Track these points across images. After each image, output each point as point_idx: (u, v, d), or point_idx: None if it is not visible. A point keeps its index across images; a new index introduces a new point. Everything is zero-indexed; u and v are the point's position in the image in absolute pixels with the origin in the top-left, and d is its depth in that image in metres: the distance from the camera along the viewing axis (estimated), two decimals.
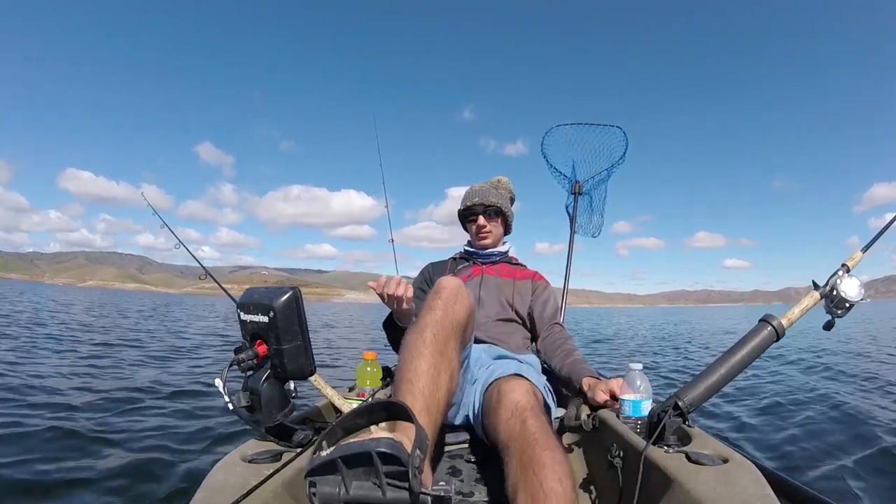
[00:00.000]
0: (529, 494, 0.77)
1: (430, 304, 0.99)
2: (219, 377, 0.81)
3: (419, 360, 0.86)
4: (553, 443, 0.85)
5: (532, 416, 0.93)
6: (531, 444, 0.84)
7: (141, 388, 3.52)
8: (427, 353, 0.87)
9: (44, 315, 10.01)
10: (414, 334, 0.92)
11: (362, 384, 1.60)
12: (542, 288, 1.69)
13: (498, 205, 1.70)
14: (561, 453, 0.83)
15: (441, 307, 0.97)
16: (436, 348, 0.88)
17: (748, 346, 0.99)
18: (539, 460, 0.80)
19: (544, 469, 0.78)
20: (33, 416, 2.57)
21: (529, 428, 0.89)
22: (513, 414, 0.96)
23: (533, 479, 0.78)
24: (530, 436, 0.87)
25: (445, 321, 0.94)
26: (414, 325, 0.96)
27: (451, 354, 0.92)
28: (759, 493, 0.71)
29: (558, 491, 0.75)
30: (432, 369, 0.85)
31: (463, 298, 1.02)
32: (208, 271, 1.79)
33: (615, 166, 2.76)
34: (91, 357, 4.84)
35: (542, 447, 0.83)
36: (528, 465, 0.81)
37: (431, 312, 0.96)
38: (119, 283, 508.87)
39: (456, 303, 0.99)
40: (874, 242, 1.08)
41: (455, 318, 0.97)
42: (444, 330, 0.93)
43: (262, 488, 0.70)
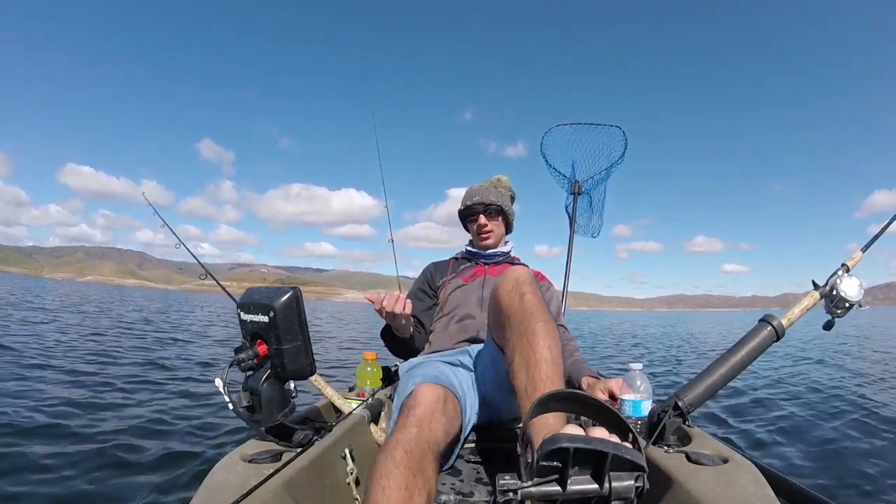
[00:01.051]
0: (524, 358, 0.90)
1: (402, 420, 0.90)
2: (219, 377, 0.81)
3: (387, 479, 0.75)
4: (546, 316, 0.97)
5: (529, 290, 1.01)
6: (527, 316, 0.95)
7: (140, 388, 3.52)
8: (396, 472, 0.76)
9: (46, 309, 10.00)
10: (383, 454, 0.81)
11: (362, 384, 1.60)
12: (545, 289, 1.68)
13: (498, 203, 1.68)
14: (552, 325, 0.95)
15: (415, 424, 0.88)
16: (407, 467, 0.78)
17: (748, 347, 0.99)
18: (533, 330, 0.93)
19: (537, 337, 0.91)
20: (31, 416, 2.57)
21: (527, 302, 0.99)
22: (514, 287, 1.03)
23: (527, 345, 0.91)
24: (527, 308, 0.97)
25: (420, 439, 0.85)
26: (385, 443, 0.86)
27: (427, 474, 0.81)
28: (759, 493, 0.71)
29: (548, 357, 0.89)
30: (403, 489, 0.74)
31: (440, 415, 0.95)
32: (209, 271, 1.78)
33: (614, 166, 2.76)
34: (91, 356, 4.84)
35: (536, 319, 0.94)
36: (524, 334, 0.93)
37: (403, 430, 0.87)
38: (118, 278, 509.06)
39: (432, 420, 0.92)
40: (874, 242, 1.08)
41: (432, 437, 0.88)
42: (418, 448, 0.83)
43: (262, 488, 0.70)
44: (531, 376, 0.88)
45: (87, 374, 3.88)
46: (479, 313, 1.53)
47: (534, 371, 0.88)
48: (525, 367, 0.90)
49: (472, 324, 1.52)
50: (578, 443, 0.54)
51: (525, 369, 0.89)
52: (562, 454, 0.54)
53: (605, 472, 0.54)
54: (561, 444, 0.54)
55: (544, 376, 0.87)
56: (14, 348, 4.85)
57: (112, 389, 3.39)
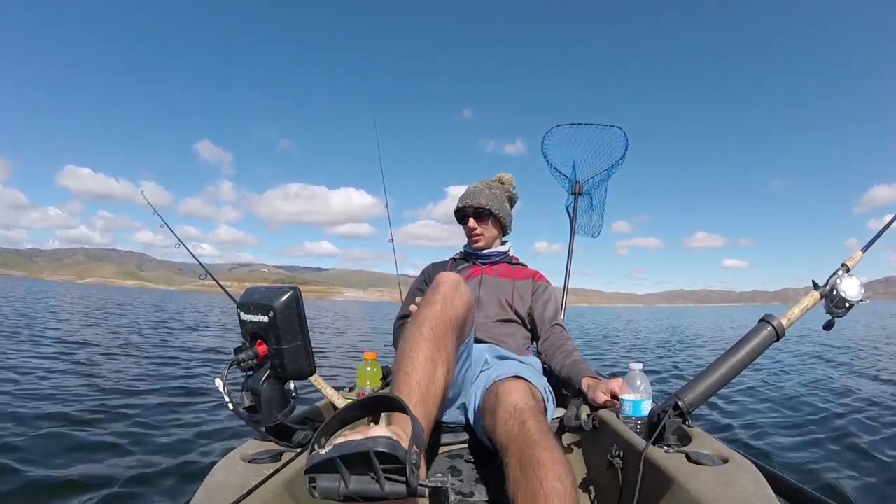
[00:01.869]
0: (530, 494, 0.76)
1: (429, 298, 0.99)
2: (219, 377, 0.81)
3: (416, 351, 0.86)
4: (552, 443, 0.85)
5: (531, 416, 0.93)
6: (530, 445, 0.84)
7: (140, 387, 3.52)
8: (424, 346, 0.87)
9: (46, 312, 10.02)
10: (412, 328, 0.92)
11: (362, 384, 1.60)
12: (543, 288, 1.68)
13: (488, 207, 1.65)
14: (560, 453, 0.83)
15: (440, 301, 0.97)
16: (433, 342, 0.88)
17: (748, 346, 0.99)
18: (539, 460, 0.80)
19: (543, 468, 0.78)
20: (29, 415, 2.57)
21: (528, 429, 0.89)
22: (511, 415, 0.96)
23: (533, 478, 0.77)
24: (529, 437, 0.87)
25: (444, 315, 0.94)
26: (412, 319, 0.95)
27: (448, 348, 0.91)
28: (759, 493, 0.71)
29: (559, 490, 0.75)
30: (429, 363, 0.85)
31: (462, 293, 1.02)
32: (209, 271, 1.78)
33: (615, 166, 2.76)
34: (90, 355, 4.84)
35: (541, 447, 0.83)
36: (527, 466, 0.80)
37: (430, 307, 0.96)
38: (119, 280, 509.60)
39: (455, 297, 0.99)
40: (874, 242, 1.09)
41: (453, 313, 0.96)
42: (441, 324, 0.92)
43: (262, 488, 0.70)
44: None
45: (86, 374, 3.89)
46: (477, 313, 1.53)
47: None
48: None
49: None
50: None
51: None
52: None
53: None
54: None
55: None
56: (14, 346, 4.86)
57: (111, 388, 3.39)
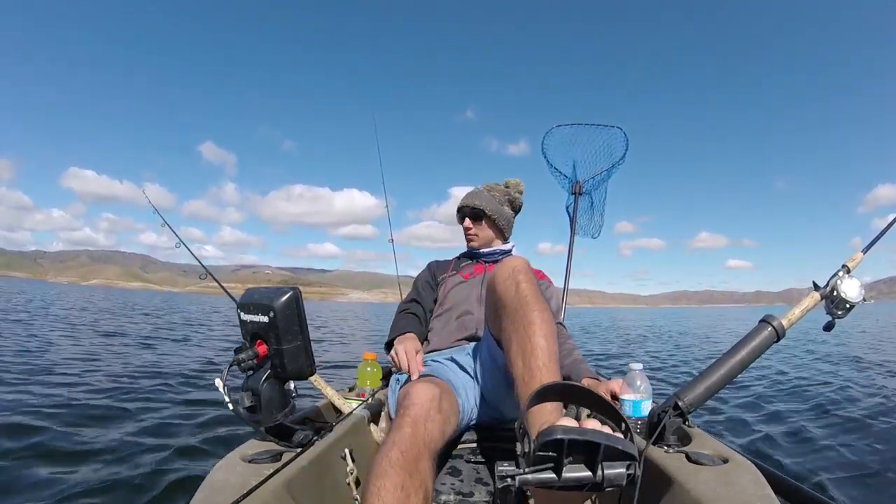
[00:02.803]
0: (520, 347, 0.92)
1: (397, 421, 0.91)
2: (219, 377, 0.81)
3: (383, 479, 0.75)
4: (542, 305, 0.97)
5: (525, 279, 1.02)
6: (523, 305, 0.97)
7: (140, 387, 3.52)
8: (393, 473, 0.76)
9: (51, 312, 10.03)
10: (379, 454, 0.81)
11: (362, 384, 1.61)
12: (545, 287, 1.69)
13: (482, 208, 1.68)
14: (548, 314, 0.96)
15: (409, 424, 0.88)
16: (403, 468, 0.78)
17: (748, 347, 0.99)
18: (529, 319, 0.94)
19: (533, 326, 0.92)
20: (28, 416, 2.57)
21: (522, 290, 1.00)
22: (509, 275, 1.04)
23: (523, 333, 0.92)
24: (523, 297, 0.98)
25: (416, 439, 0.85)
26: (381, 444, 0.87)
27: (423, 473, 0.81)
28: (759, 493, 0.71)
29: (543, 345, 0.90)
30: (399, 490, 0.74)
31: (435, 414, 0.95)
32: (209, 271, 1.79)
33: (615, 167, 2.76)
34: (90, 355, 4.85)
35: (531, 308, 0.95)
36: (519, 323, 0.94)
37: (399, 430, 0.87)
38: (123, 281, 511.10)
39: (428, 419, 0.92)
40: (875, 243, 1.08)
41: (428, 436, 0.88)
42: (413, 448, 0.83)
43: (262, 488, 0.70)
44: (527, 364, 0.89)
45: (86, 373, 3.89)
46: (479, 310, 1.53)
47: (530, 359, 0.89)
48: (521, 356, 0.91)
49: (471, 321, 1.52)
50: (573, 434, 0.57)
51: (521, 358, 0.91)
52: (557, 445, 0.58)
53: (598, 461, 0.58)
54: (556, 436, 0.57)
55: (540, 364, 0.88)
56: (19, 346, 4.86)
57: (111, 388, 3.39)
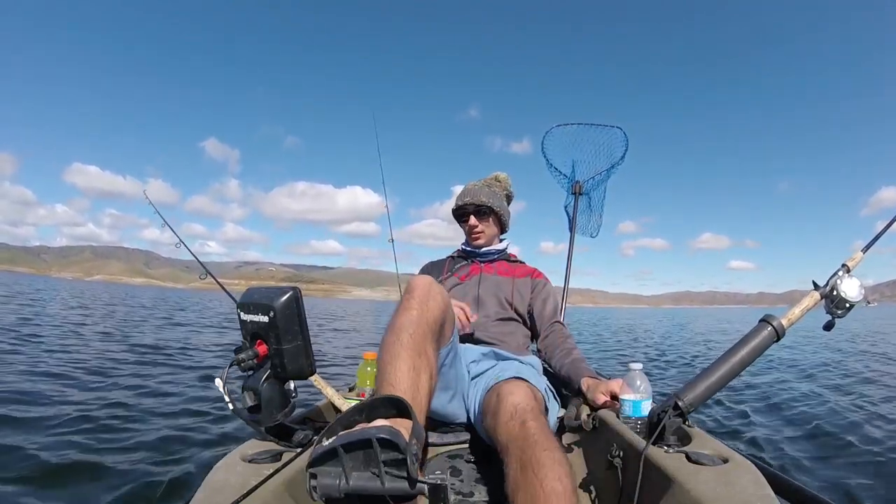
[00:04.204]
0: (529, 494, 0.77)
1: (404, 304, 0.97)
2: (219, 377, 0.81)
3: (398, 361, 0.84)
4: (553, 444, 0.85)
5: (531, 417, 0.93)
6: (531, 446, 0.84)
7: (139, 387, 3.51)
8: (405, 355, 0.85)
9: (50, 310, 10.00)
10: (391, 336, 0.90)
11: (362, 384, 1.60)
12: (542, 286, 1.68)
13: (489, 204, 1.66)
14: (560, 453, 0.83)
15: (416, 307, 0.95)
16: (413, 349, 0.87)
17: (748, 347, 0.99)
18: (539, 461, 0.80)
19: (543, 469, 0.78)
20: (29, 416, 2.57)
21: (529, 429, 0.89)
22: (512, 416, 0.95)
23: (532, 479, 0.78)
24: (530, 437, 0.86)
25: (421, 321, 0.92)
26: (389, 326, 0.93)
27: (429, 354, 0.90)
28: (759, 493, 0.71)
29: (558, 490, 0.75)
30: (411, 371, 0.83)
31: (436, 295, 1.00)
32: (209, 270, 1.79)
33: (615, 167, 2.76)
34: (89, 355, 4.84)
35: (541, 448, 0.83)
36: (527, 466, 0.80)
37: (406, 312, 0.94)
38: (126, 277, 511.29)
39: (429, 300, 0.97)
40: (874, 243, 1.08)
41: (431, 317, 0.95)
42: (420, 329, 0.91)
43: (262, 488, 0.70)
44: None
45: (85, 374, 3.88)
46: (476, 312, 1.53)
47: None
48: None
49: None
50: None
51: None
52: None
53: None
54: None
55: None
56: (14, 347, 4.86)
57: (110, 388, 3.39)
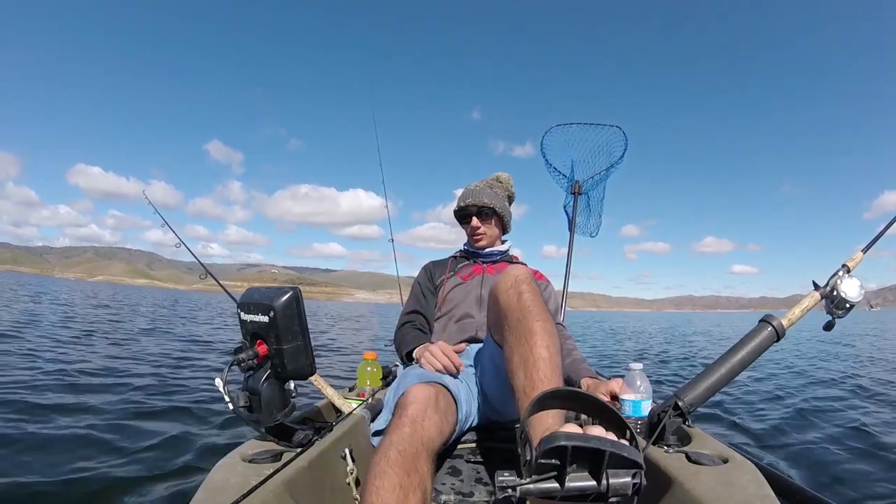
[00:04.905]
0: (522, 358, 0.91)
1: (395, 421, 0.93)
2: (219, 377, 0.81)
3: (382, 479, 0.77)
4: (544, 315, 0.96)
5: (527, 289, 1.01)
6: (525, 315, 0.95)
7: (139, 387, 3.51)
8: (391, 473, 0.77)
9: (52, 309, 10.00)
10: (377, 455, 0.83)
11: (362, 384, 1.61)
12: (543, 287, 1.68)
13: (492, 205, 1.66)
14: (550, 324, 0.95)
15: (408, 424, 0.90)
16: (402, 467, 0.79)
17: (748, 347, 0.99)
18: (531, 329, 0.93)
19: (534, 337, 0.91)
20: (29, 416, 2.57)
21: (525, 300, 0.99)
22: (512, 285, 1.03)
23: (525, 344, 0.92)
24: (525, 307, 0.97)
25: (414, 438, 0.87)
26: (379, 444, 0.88)
27: (422, 473, 0.82)
28: (759, 493, 0.71)
29: (545, 356, 0.89)
30: (398, 489, 0.75)
31: (432, 413, 0.96)
32: (208, 271, 1.79)
33: (614, 166, 2.76)
34: (88, 353, 4.84)
35: (534, 318, 0.94)
36: (521, 333, 0.93)
37: (397, 431, 0.88)
38: (129, 278, 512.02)
39: (425, 419, 0.93)
40: (875, 243, 1.08)
41: (426, 436, 0.89)
42: (411, 447, 0.84)
43: (262, 488, 0.70)
44: (529, 375, 0.88)
45: (85, 373, 3.88)
46: (478, 312, 1.53)
47: (532, 370, 0.88)
48: (523, 367, 0.90)
49: (471, 323, 1.52)
50: (576, 441, 0.55)
51: (523, 368, 0.90)
52: (560, 452, 0.55)
53: (602, 469, 0.55)
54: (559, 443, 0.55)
55: (542, 375, 0.87)
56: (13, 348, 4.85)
57: (110, 388, 3.38)
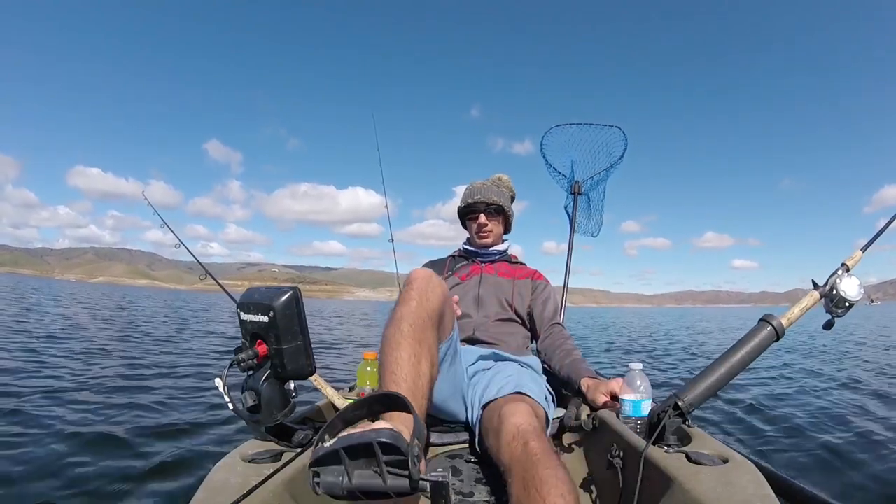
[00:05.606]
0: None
1: (404, 296, 1.00)
2: (219, 377, 0.81)
3: (399, 350, 0.88)
4: (555, 462, 0.85)
5: (533, 437, 0.92)
6: (534, 465, 0.84)
7: (139, 387, 3.51)
8: (406, 344, 0.89)
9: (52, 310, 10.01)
10: (391, 327, 0.94)
11: (362, 384, 1.60)
12: (542, 287, 1.69)
13: (500, 203, 1.68)
14: (563, 472, 0.82)
15: (415, 298, 0.98)
16: (413, 338, 0.91)
17: (748, 346, 0.99)
18: (542, 478, 0.80)
19: (546, 486, 0.78)
20: (30, 417, 2.57)
21: (532, 450, 0.88)
22: (514, 437, 0.94)
23: (536, 496, 0.77)
24: (532, 456, 0.86)
25: (421, 311, 0.96)
26: (390, 319, 0.97)
27: (429, 342, 0.94)
28: (759, 493, 0.71)
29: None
30: (412, 358, 0.88)
31: (436, 286, 1.03)
32: (208, 271, 1.79)
33: (614, 166, 2.76)
34: (90, 354, 4.83)
35: (543, 466, 0.83)
36: (530, 484, 0.80)
37: (406, 304, 0.97)
38: (129, 279, 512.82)
39: (429, 291, 1.01)
40: (874, 242, 1.09)
41: (430, 308, 0.98)
42: (420, 320, 0.94)
43: (262, 488, 0.70)
44: None
45: (85, 373, 3.88)
46: (476, 312, 1.54)
47: None
48: None
49: (469, 323, 1.52)
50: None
51: None
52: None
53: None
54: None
55: None
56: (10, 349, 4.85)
57: (109, 388, 3.38)
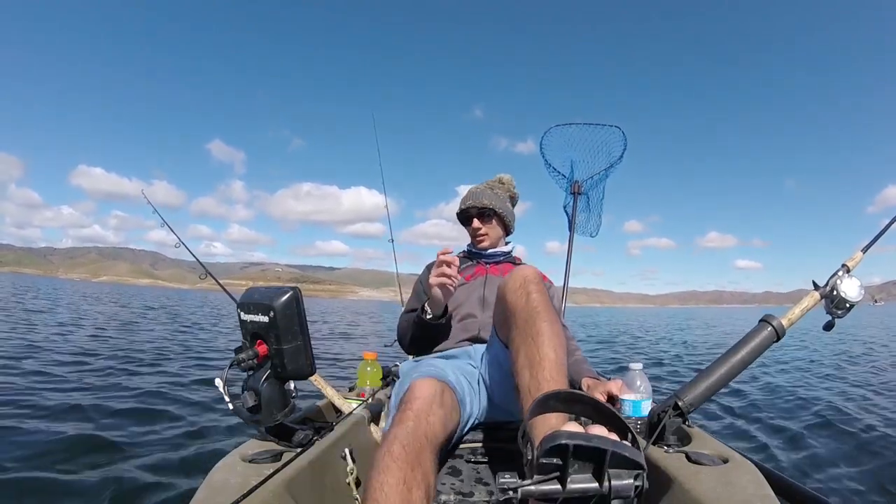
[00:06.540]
0: (528, 358, 0.91)
1: (400, 415, 0.91)
2: (219, 377, 0.81)
3: (385, 474, 0.75)
4: (552, 316, 0.97)
5: (535, 290, 1.02)
6: (533, 315, 0.96)
7: (139, 387, 3.51)
8: (395, 468, 0.76)
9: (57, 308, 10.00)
10: (381, 449, 0.82)
11: (362, 384, 1.61)
12: (546, 287, 1.68)
13: (492, 207, 1.66)
14: (558, 326, 0.95)
15: (412, 419, 0.88)
16: (406, 462, 0.78)
17: (748, 346, 0.99)
18: (539, 329, 0.93)
19: (542, 337, 0.92)
20: (29, 418, 2.57)
21: (533, 301, 0.99)
22: (520, 285, 1.03)
23: (532, 344, 0.92)
24: (533, 307, 0.97)
25: (417, 432, 0.85)
26: (382, 438, 0.88)
27: (426, 468, 0.80)
28: (759, 493, 0.71)
29: (552, 357, 0.89)
30: (401, 484, 0.74)
31: (437, 408, 0.95)
32: (208, 270, 1.79)
33: (613, 166, 2.76)
34: (88, 352, 4.83)
35: (542, 319, 0.95)
36: (529, 333, 0.94)
37: (401, 424, 0.87)
38: (133, 278, 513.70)
39: (430, 413, 0.92)
40: (874, 243, 1.08)
41: (430, 431, 0.88)
42: (415, 442, 0.83)
43: (262, 488, 0.70)
44: (535, 376, 0.88)
45: (84, 374, 3.88)
46: (481, 313, 1.53)
47: (538, 370, 0.88)
48: (529, 367, 0.90)
49: (473, 323, 1.52)
50: (578, 440, 0.54)
51: (529, 368, 0.89)
52: (562, 451, 0.54)
53: (604, 470, 0.54)
54: (560, 441, 0.54)
55: (548, 376, 0.87)
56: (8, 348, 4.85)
57: (110, 388, 3.38)
